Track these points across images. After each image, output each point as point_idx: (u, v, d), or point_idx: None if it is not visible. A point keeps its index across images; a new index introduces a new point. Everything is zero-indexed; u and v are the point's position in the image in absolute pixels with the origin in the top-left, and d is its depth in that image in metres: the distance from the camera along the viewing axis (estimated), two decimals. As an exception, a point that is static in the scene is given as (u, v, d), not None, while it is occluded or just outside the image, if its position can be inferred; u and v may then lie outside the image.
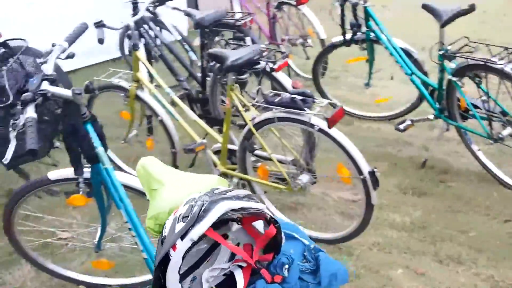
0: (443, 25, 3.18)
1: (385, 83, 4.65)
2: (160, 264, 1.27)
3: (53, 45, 2.16)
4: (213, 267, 1.39)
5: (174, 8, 4.62)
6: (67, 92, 1.97)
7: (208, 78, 3.77)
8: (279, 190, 2.97)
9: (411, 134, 3.91)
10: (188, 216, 1.26)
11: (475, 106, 3.16)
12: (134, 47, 3.33)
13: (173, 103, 3.48)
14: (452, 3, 3.25)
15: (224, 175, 3.21)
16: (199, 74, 3.96)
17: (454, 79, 3.13)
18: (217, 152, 3.28)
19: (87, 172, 2.20)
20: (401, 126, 3.58)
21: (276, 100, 2.75)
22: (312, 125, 2.64)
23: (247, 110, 2.96)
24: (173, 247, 1.24)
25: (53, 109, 2.10)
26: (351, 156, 2.63)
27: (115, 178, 2.16)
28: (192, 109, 3.91)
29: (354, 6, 3.65)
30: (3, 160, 1.84)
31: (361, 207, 2.73)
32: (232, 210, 1.26)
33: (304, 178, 2.88)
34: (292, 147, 3.00)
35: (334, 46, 4.11)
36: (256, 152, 3.04)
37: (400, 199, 3.24)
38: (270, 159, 2.93)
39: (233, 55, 2.79)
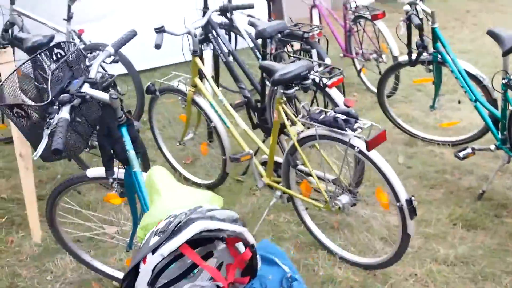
0: (505, 53, 3.00)
1: (456, 106, 4.45)
2: (130, 274, 1.29)
3: (101, 50, 2.25)
4: (194, 283, 1.39)
5: (249, 16, 4.69)
6: (104, 96, 2.05)
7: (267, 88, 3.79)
8: (318, 208, 2.92)
9: (474, 162, 3.72)
10: (164, 231, 1.27)
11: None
12: (193, 53, 3.39)
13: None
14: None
15: (269, 187, 3.21)
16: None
17: (515, 110, 2.95)
18: (265, 163, 3.29)
19: (121, 173, 2.28)
20: (461, 154, 3.41)
21: (320, 117, 2.72)
22: (352, 146, 2.58)
23: (294, 124, 2.95)
24: (144, 260, 1.26)
25: (94, 109, 2.19)
26: (389, 181, 2.55)
27: (142, 181, 2.22)
28: (250, 117, 3.95)
29: (418, 27, 3.52)
30: (33, 155, 1.95)
31: (398, 236, 2.63)
32: (208, 230, 1.26)
33: (344, 199, 2.82)
34: (334, 164, 2.94)
35: (400, 65, 4.00)
36: (299, 167, 3.01)
37: (449, 230, 3.09)
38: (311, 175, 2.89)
39: (282, 69, 2.78)
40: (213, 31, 4.00)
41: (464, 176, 3.63)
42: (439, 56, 3.63)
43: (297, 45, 4.54)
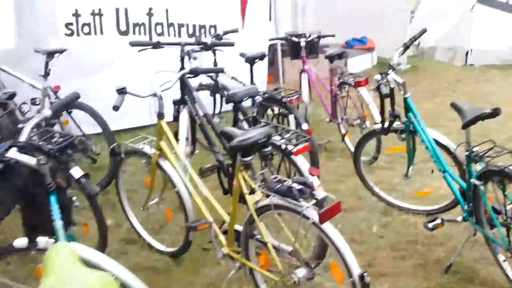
0: (464, 126, 2.97)
1: (436, 174, 4.38)
2: None
3: (38, 112, 2.22)
4: None
5: (232, 78, 4.72)
6: (31, 161, 1.97)
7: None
8: (274, 281, 2.81)
9: (446, 233, 3.63)
10: None
11: (498, 212, 2.87)
12: (159, 116, 3.37)
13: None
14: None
15: (229, 257, 3.11)
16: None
17: (477, 183, 2.88)
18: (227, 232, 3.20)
19: (51, 243, 2.17)
20: (430, 225, 3.33)
21: (277, 186, 2.66)
22: (306, 217, 2.51)
23: (253, 193, 2.88)
24: None
25: (24, 173, 2.08)
26: (342, 255, 2.46)
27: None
28: (221, 182, 3.89)
29: (387, 97, 3.50)
30: None
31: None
32: None
33: (300, 272, 2.70)
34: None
35: (374, 133, 3.98)
36: (257, 237, 2.92)
37: (414, 306, 2.97)
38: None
39: (241, 136, 2.74)
40: (189, 94, 4.01)
41: (435, 247, 3.53)
42: (411, 125, 3.60)
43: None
